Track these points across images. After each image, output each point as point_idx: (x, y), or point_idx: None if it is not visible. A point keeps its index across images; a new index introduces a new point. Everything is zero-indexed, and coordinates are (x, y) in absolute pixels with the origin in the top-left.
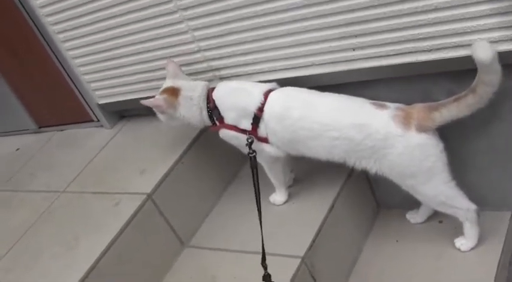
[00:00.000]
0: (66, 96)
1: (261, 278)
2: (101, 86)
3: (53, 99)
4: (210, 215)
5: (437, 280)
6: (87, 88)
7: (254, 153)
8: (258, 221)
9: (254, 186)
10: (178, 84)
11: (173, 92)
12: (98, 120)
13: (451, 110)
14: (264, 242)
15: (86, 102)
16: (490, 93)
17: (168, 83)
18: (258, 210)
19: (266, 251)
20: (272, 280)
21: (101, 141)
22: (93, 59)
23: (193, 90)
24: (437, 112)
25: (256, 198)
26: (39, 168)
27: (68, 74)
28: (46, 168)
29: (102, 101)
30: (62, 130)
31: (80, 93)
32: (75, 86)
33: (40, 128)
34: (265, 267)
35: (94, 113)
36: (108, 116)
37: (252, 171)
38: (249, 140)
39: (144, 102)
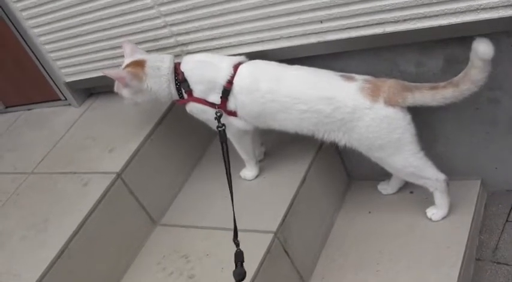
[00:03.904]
0: (32, 75)
1: (233, 255)
2: (67, 63)
3: (19, 78)
4: (181, 192)
5: (410, 250)
6: (53, 66)
7: (223, 127)
8: (229, 197)
9: (224, 160)
10: (142, 57)
11: (137, 64)
12: (66, 99)
13: (425, 97)
14: (236, 218)
15: (52, 80)
16: (470, 92)
17: (128, 60)
18: (228, 184)
19: (238, 227)
20: (244, 257)
21: (69, 120)
22: (58, 36)
23: (160, 61)
24: (410, 93)
25: (227, 172)
26: (6, 150)
27: (33, 53)
28: (13, 149)
29: (69, 79)
30: (29, 109)
31: (46, 71)
32: (41, 64)
33: (7, 108)
34: (237, 244)
35: (61, 92)
36: (76, 94)
37: (222, 145)
38: (218, 114)
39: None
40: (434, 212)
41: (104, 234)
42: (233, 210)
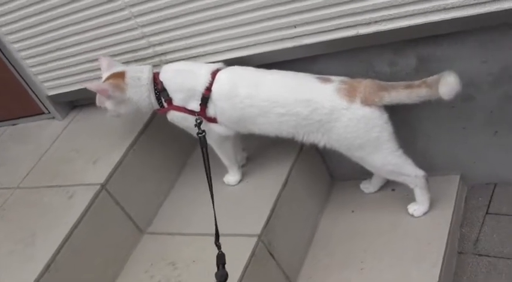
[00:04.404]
0: (15, 90)
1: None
2: (49, 77)
3: (2, 93)
4: (166, 200)
5: (393, 247)
6: (35, 80)
7: (203, 133)
8: (215, 203)
9: (204, 165)
10: (120, 69)
11: (117, 75)
12: (49, 112)
13: (400, 95)
14: (220, 223)
15: (35, 94)
16: None
17: (107, 74)
18: (209, 187)
19: (223, 231)
20: (225, 259)
21: (53, 133)
22: (38, 51)
23: (140, 71)
24: (386, 92)
25: (207, 176)
26: None
27: (14, 68)
28: None
29: (51, 93)
30: (14, 124)
31: (28, 86)
32: (23, 79)
33: None
34: (218, 246)
35: (44, 105)
36: (59, 107)
37: (202, 150)
38: (198, 121)
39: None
40: (416, 208)
41: (90, 245)
42: (214, 213)
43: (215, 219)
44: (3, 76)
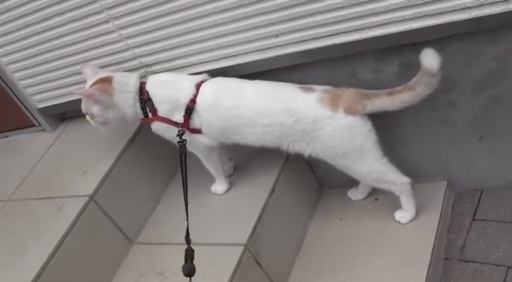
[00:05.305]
0: (5, 103)
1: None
2: (38, 90)
3: None
4: (155, 210)
5: (380, 254)
6: (24, 93)
7: (184, 142)
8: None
9: (182, 172)
10: (107, 74)
11: (104, 80)
12: (40, 125)
13: (384, 103)
14: (207, 232)
15: (25, 107)
16: (427, 93)
17: (92, 80)
18: (183, 190)
19: (209, 241)
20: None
21: (44, 146)
22: (27, 64)
23: (127, 77)
24: (369, 100)
25: (183, 180)
26: None
27: (4, 81)
28: None
29: (41, 105)
30: (5, 137)
31: (18, 99)
32: (13, 92)
33: None
34: (188, 241)
35: (35, 118)
36: (49, 120)
37: (180, 157)
38: (180, 132)
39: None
40: (402, 215)
41: (80, 256)
42: (186, 211)
43: (187, 215)
44: None
